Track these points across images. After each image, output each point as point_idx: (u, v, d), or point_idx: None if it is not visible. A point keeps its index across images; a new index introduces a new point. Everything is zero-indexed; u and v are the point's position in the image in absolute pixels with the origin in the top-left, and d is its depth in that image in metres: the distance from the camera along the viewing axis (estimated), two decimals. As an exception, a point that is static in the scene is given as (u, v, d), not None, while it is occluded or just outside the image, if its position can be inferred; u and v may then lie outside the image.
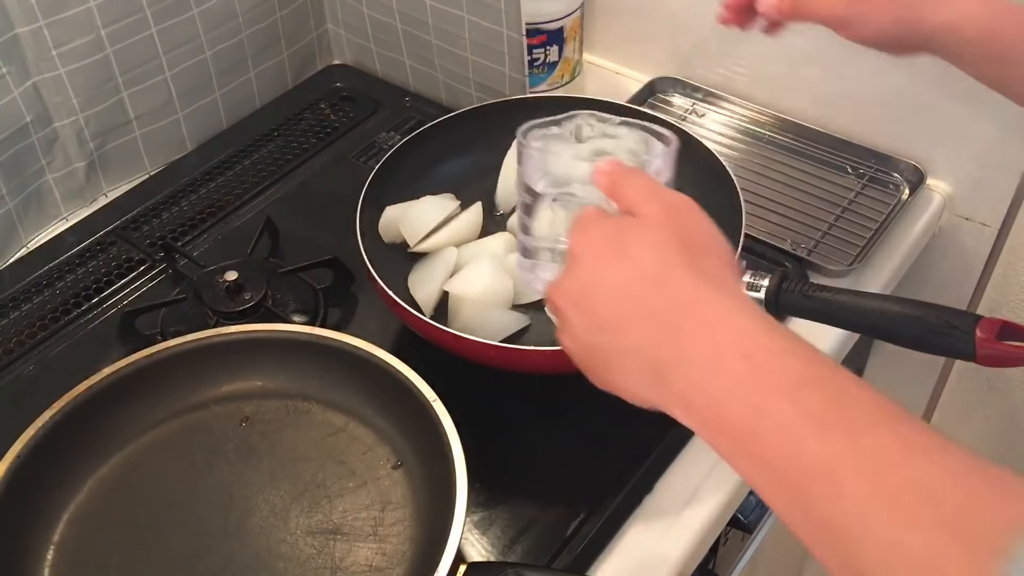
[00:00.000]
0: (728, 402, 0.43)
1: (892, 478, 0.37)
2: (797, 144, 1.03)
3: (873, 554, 0.36)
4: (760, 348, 0.44)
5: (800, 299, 0.69)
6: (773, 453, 0.41)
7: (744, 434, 0.42)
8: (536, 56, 1.07)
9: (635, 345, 0.48)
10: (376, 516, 0.67)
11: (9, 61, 0.88)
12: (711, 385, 0.44)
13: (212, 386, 0.75)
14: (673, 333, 0.47)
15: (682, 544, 0.71)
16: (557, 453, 0.77)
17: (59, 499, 0.68)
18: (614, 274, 0.50)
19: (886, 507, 0.36)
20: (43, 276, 0.93)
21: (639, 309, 0.48)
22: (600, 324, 0.50)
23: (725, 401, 0.43)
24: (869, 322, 0.67)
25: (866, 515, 0.37)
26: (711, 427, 0.45)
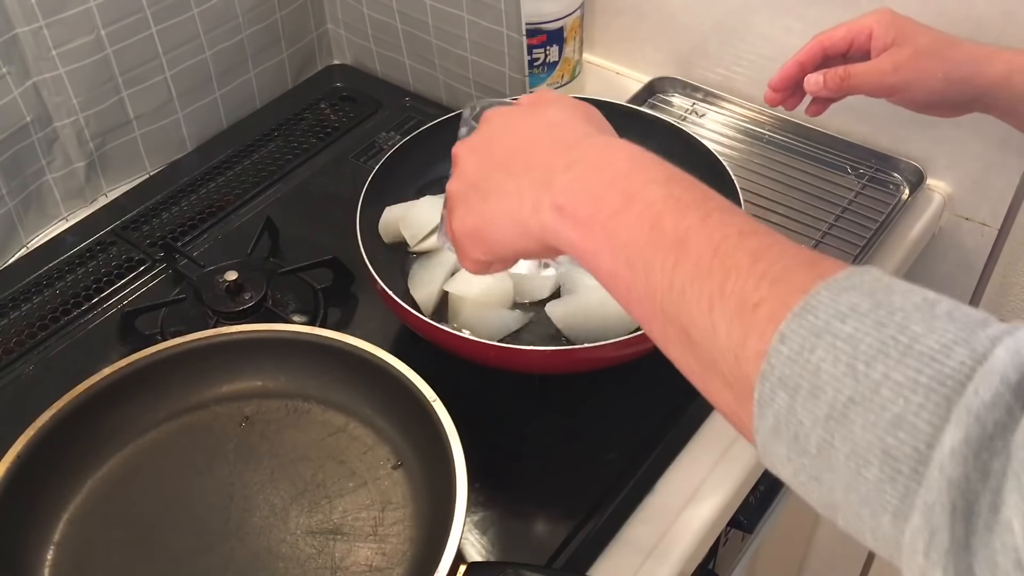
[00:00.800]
0: (603, 193, 0.47)
1: (728, 242, 0.42)
2: (797, 144, 1.03)
3: (699, 304, 0.41)
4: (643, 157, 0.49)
5: None
6: (632, 231, 0.45)
7: (610, 219, 0.46)
8: (536, 56, 1.07)
9: (525, 164, 0.52)
10: (376, 516, 0.67)
11: (9, 61, 0.88)
12: (592, 180, 0.48)
13: (212, 386, 0.75)
14: (565, 152, 0.51)
15: (682, 544, 0.71)
16: (557, 453, 0.77)
17: (59, 499, 0.68)
18: (521, 124, 0.55)
19: (719, 265, 0.41)
20: (43, 276, 0.93)
21: (539, 143, 0.52)
22: (494, 158, 0.54)
23: (601, 193, 0.47)
24: None
25: (698, 271, 0.42)
26: (580, 221, 0.48)
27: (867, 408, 0.34)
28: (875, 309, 0.35)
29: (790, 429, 0.36)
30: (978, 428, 0.31)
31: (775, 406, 0.37)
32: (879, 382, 0.33)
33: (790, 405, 0.36)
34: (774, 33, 1.01)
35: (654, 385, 0.80)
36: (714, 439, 0.77)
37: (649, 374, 0.81)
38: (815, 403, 0.35)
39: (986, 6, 0.86)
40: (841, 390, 0.34)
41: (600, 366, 0.77)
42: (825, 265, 0.39)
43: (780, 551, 1.19)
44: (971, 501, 0.31)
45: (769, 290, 0.39)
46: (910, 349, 0.33)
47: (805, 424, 0.36)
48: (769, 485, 0.96)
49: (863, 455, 0.34)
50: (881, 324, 0.35)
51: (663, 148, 0.90)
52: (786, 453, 0.37)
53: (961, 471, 0.31)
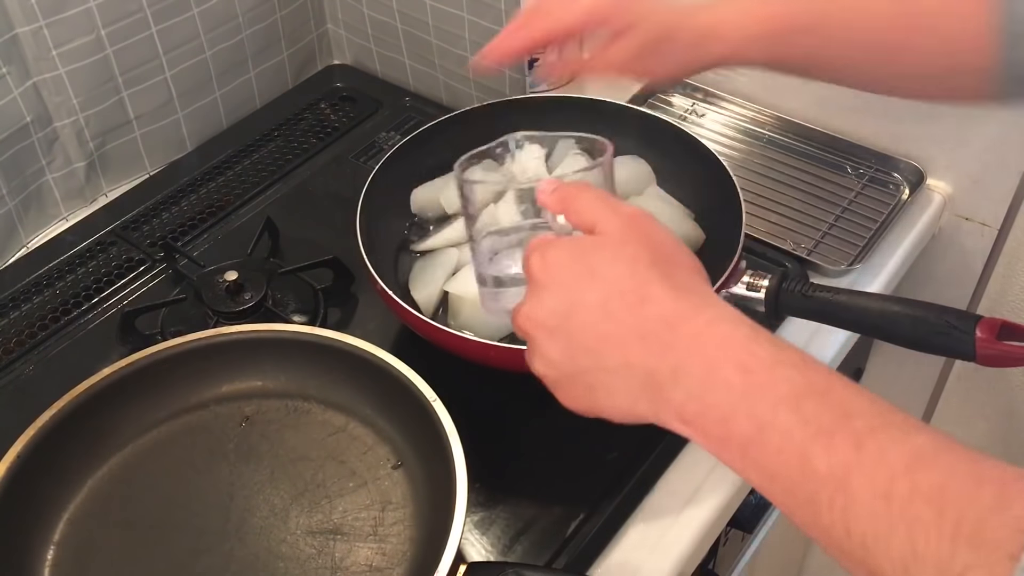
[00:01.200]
0: (729, 415, 0.43)
1: (899, 485, 0.38)
2: (797, 144, 1.03)
3: (889, 559, 0.37)
4: (754, 358, 0.44)
5: (800, 299, 0.69)
6: (780, 464, 0.41)
7: (749, 446, 0.43)
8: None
9: (623, 364, 0.47)
10: (376, 516, 0.67)
11: (9, 61, 0.88)
12: (709, 398, 0.44)
13: (212, 386, 0.75)
14: (663, 348, 0.46)
15: (682, 544, 0.71)
16: (557, 453, 0.77)
17: (59, 499, 0.68)
18: (588, 294, 0.49)
19: (897, 515, 0.37)
20: (43, 276, 0.93)
21: (622, 327, 0.47)
22: (582, 347, 0.49)
23: (726, 414, 0.44)
24: (869, 322, 0.67)
25: (877, 523, 0.38)
26: (714, 438, 0.45)
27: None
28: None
29: None
30: None
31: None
32: None
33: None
34: (774, 33, 1.00)
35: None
36: (714, 439, 0.77)
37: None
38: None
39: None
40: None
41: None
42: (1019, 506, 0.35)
43: (780, 551, 1.19)
44: None
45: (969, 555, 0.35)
46: None
47: None
48: (769, 485, 0.96)
49: None
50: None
51: (663, 148, 0.91)
52: None
53: None
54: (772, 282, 0.70)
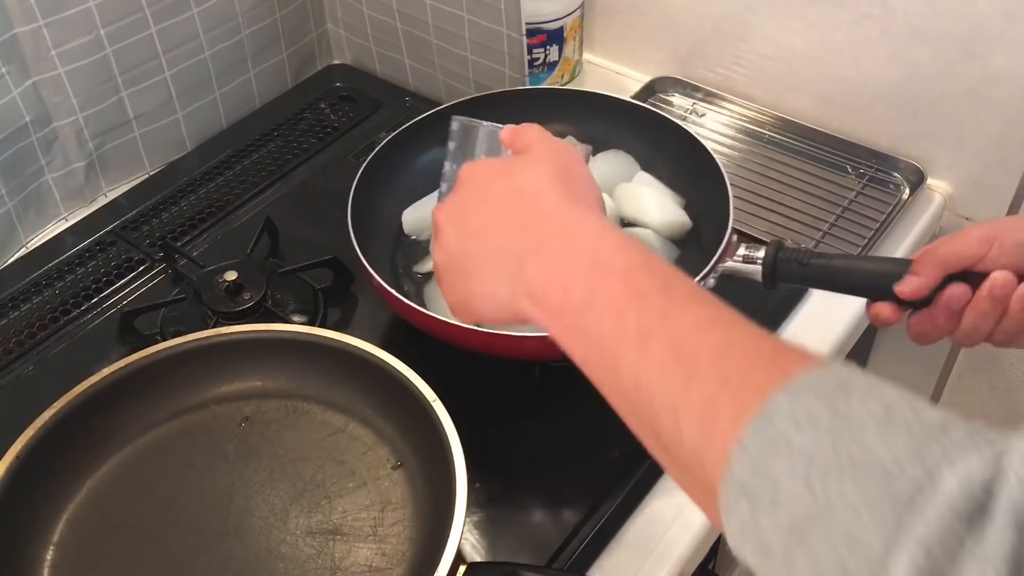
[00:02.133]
0: (570, 284, 0.48)
1: (689, 340, 0.42)
2: (797, 144, 1.03)
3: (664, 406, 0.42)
4: (606, 243, 0.49)
5: (796, 267, 0.69)
6: (600, 326, 0.46)
7: (580, 312, 0.47)
8: (536, 56, 1.07)
9: (498, 246, 0.53)
10: (376, 516, 0.67)
11: (9, 61, 0.88)
12: (559, 269, 0.49)
13: (212, 386, 0.75)
14: (534, 231, 0.51)
15: (682, 544, 0.71)
16: (557, 453, 0.77)
17: (59, 499, 0.68)
18: (493, 190, 0.55)
19: (680, 367, 0.42)
20: (43, 276, 0.92)
21: (510, 218, 0.53)
22: (470, 231, 0.55)
23: (568, 283, 0.48)
24: (868, 284, 0.67)
25: (662, 374, 0.42)
26: (552, 310, 0.49)
27: (824, 525, 0.34)
28: (832, 417, 0.35)
29: (755, 537, 0.37)
30: (928, 562, 0.31)
31: (739, 514, 0.37)
32: (833, 498, 0.34)
33: (753, 514, 0.37)
34: (774, 33, 1.01)
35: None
36: (714, 439, 0.77)
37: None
38: (775, 515, 0.36)
39: (987, 4, 0.86)
40: (798, 505, 0.35)
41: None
42: (784, 361, 0.39)
43: (780, 551, 1.19)
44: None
45: (730, 396, 0.39)
46: (865, 466, 0.34)
47: (767, 533, 0.36)
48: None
49: (823, 571, 0.34)
50: (836, 433, 0.35)
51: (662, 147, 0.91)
52: (756, 560, 0.38)
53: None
54: (768, 253, 0.70)
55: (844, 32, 0.96)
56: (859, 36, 0.95)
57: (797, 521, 0.35)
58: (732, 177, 0.97)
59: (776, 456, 0.36)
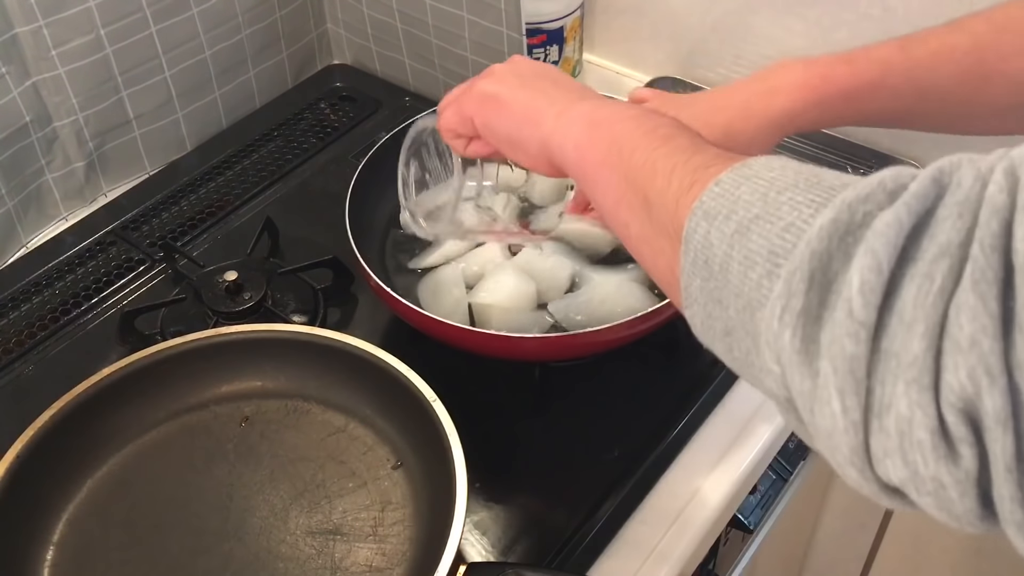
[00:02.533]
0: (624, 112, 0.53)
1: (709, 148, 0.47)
2: (797, 144, 1.03)
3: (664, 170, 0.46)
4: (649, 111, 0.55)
5: None
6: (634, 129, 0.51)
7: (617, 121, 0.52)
8: (536, 56, 1.07)
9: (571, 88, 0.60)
10: (376, 516, 0.67)
11: (9, 61, 0.88)
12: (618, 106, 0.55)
13: (212, 386, 0.75)
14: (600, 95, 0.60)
15: (682, 544, 0.71)
16: (557, 453, 0.77)
17: (59, 499, 0.68)
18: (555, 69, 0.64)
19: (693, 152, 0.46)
20: (43, 276, 0.92)
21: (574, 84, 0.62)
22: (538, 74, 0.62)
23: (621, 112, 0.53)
24: None
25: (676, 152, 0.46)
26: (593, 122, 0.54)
27: (766, 221, 0.37)
28: (801, 166, 0.39)
29: (703, 255, 0.40)
30: (848, 214, 0.34)
31: (696, 236, 0.41)
32: (783, 203, 0.37)
33: (707, 232, 0.40)
34: (774, 33, 1.01)
35: (654, 386, 0.80)
36: (714, 439, 0.77)
37: (649, 375, 0.82)
38: (726, 224, 0.39)
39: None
40: (750, 210, 0.38)
41: (596, 350, 0.78)
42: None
43: (780, 551, 1.19)
44: (830, 279, 0.34)
45: (724, 161, 0.43)
46: (818, 184, 0.37)
47: (715, 244, 0.40)
48: (769, 485, 0.96)
49: (752, 258, 0.37)
50: (800, 171, 0.39)
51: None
52: (699, 284, 0.41)
53: (824, 247, 0.34)
54: None
55: (844, 32, 0.96)
56: (859, 36, 0.94)
57: (743, 223, 0.38)
58: (732, 177, 0.98)
59: (744, 184, 0.40)
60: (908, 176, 0.34)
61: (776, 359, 0.35)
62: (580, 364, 0.82)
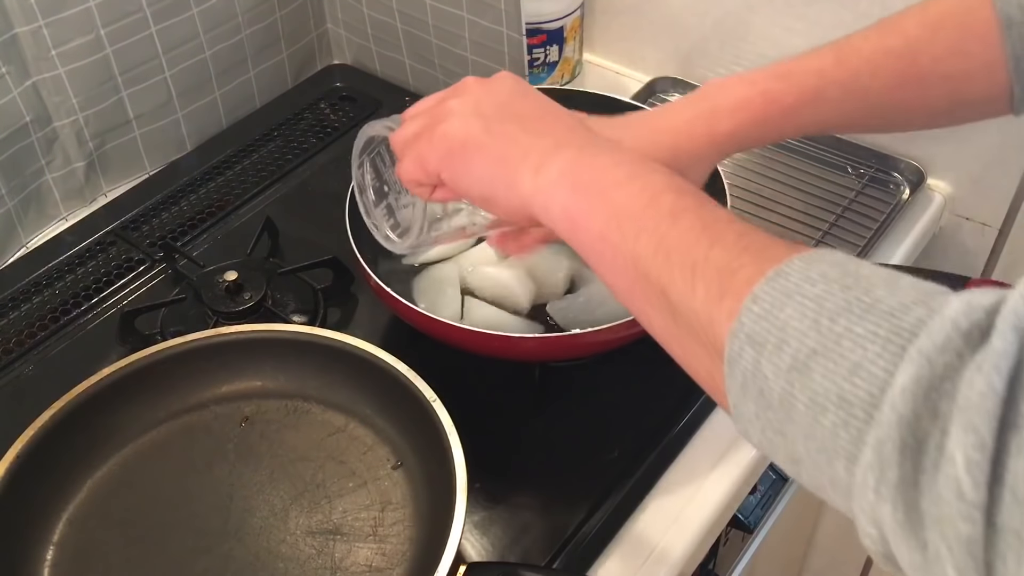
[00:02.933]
0: (610, 168, 0.50)
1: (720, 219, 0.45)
2: (797, 144, 1.03)
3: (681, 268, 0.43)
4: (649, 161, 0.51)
5: None
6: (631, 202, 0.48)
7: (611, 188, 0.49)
8: (536, 56, 1.07)
9: (541, 128, 0.54)
10: (376, 516, 0.67)
11: (9, 61, 0.88)
12: (602, 157, 0.51)
13: (212, 386, 0.75)
14: (583, 136, 0.55)
15: (682, 544, 0.71)
16: (557, 453, 0.77)
17: (59, 499, 0.68)
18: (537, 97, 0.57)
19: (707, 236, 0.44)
20: (43, 276, 0.92)
21: (557, 118, 0.56)
22: (512, 111, 0.56)
23: (608, 166, 0.50)
24: None
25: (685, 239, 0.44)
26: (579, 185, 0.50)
27: (827, 358, 0.35)
28: (843, 276, 0.37)
29: (756, 384, 0.38)
30: (929, 369, 0.32)
31: (743, 363, 0.39)
32: (841, 335, 0.35)
33: (756, 360, 0.38)
34: (774, 33, 1.01)
35: (654, 386, 0.80)
36: (714, 439, 0.77)
37: (649, 375, 0.82)
38: (779, 356, 0.37)
39: None
40: (804, 342, 0.36)
41: (596, 350, 0.78)
42: (802, 247, 0.41)
43: (780, 551, 1.19)
44: (921, 440, 0.32)
45: (750, 259, 0.41)
46: (873, 308, 0.35)
47: (769, 378, 0.37)
48: (769, 485, 0.96)
49: (821, 403, 0.35)
50: (847, 287, 0.36)
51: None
52: (754, 410, 0.39)
53: (911, 409, 0.32)
54: None
55: (844, 32, 0.95)
56: (859, 36, 0.95)
57: (800, 358, 0.36)
58: (732, 177, 0.98)
59: (787, 304, 0.37)
60: (980, 311, 0.33)
61: (873, 524, 0.34)
62: (580, 364, 0.82)
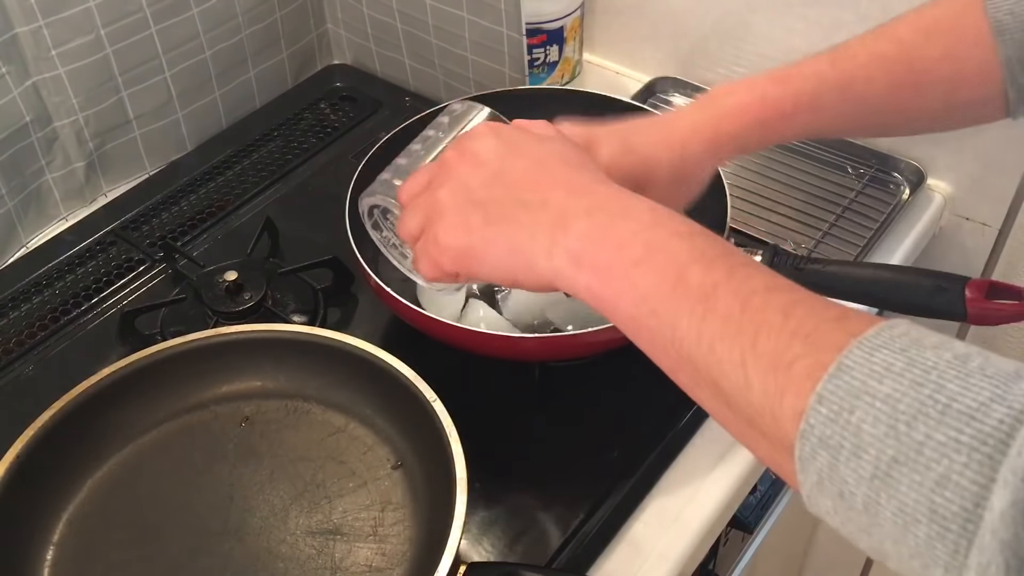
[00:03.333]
0: (627, 241, 0.47)
1: (756, 299, 0.42)
2: (797, 144, 1.03)
3: (730, 358, 0.41)
4: (664, 213, 0.49)
5: (792, 272, 0.69)
6: (656, 281, 0.45)
7: (633, 268, 0.46)
8: (536, 56, 1.07)
9: (541, 201, 0.50)
10: (376, 516, 0.67)
11: (9, 61, 0.88)
12: (616, 227, 0.48)
13: (212, 386, 0.75)
14: (587, 195, 0.50)
15: (682, 544, 0.71)
16: (557, 453, 0.77)
17: (59, 499, 0.68)
18: (533, 150, 0.53)
19: (748, 319, 0.42)
20: (43, 276, 0.92)
21: (554, 178, 0.51)
22: (506, 178, 0.52)
23: (625, 241, 0.47)
24: (861, 290, 0.68)
25: (727, 327, 0.42)
26: (598, 269, 0.48)
27: (911, 468, 0.34)
28: (909, 368, 0.36)
29: (835, 486, 0.37)
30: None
31: (817, 464, 0.37)
32: (921, 443, 0.34)
33: (833, 464, 0.37)
34: (775, 33, 1.01)
35: (654, 386, 0.80)
36: (714, 439, 0.77)
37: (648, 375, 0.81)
38: (858, 463, 0.36)
39: None
40: (884, 451, 0.35)
41: (596, 350, 0.77)
42: (854, 321, 0.39)
43: (780, 551, 1.19)
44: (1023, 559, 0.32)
45: (802, 347, 0.39)
46: (948, 408, 0.34)
47: (850, 483, 0.36)
48: (769, 485, 0.96)
49: (911, 514, 0.35)
50: (917, 384, 0.35)
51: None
52: (832, 506, 0.38)
53: (1012, 532, 0.32)
54: (764, 257, 0.71)
55: (844, 32, 0.95)
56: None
57: (881, 467, 0.35)
58: (732, 177, 0.98)
59: (856, 406, 0.36)
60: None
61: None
62: (580, 364, 0.82)
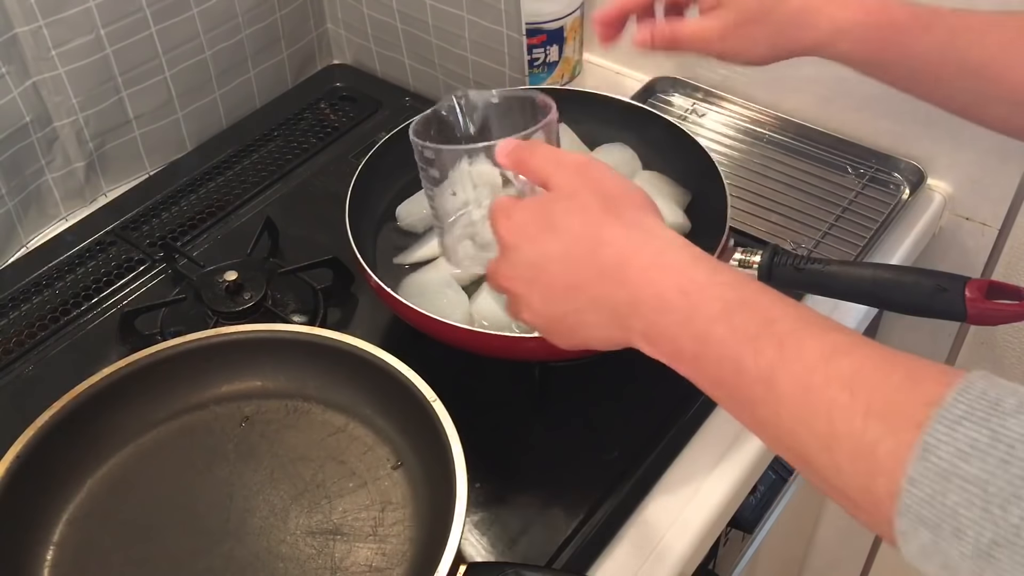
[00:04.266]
0: (677, 336, 0.50)
1: (816, 376, 0.43)
2: (797, 144, 1.03)
3: (814, 442, 0.43)
4: (692, 283, 0.50)
5: (792, 272, 0.69)
6: (720, 372, 0.47)
7: (695, 360, 0.49)
8: (536, 56, 1.07)
9: (591, 302, 0.53)
10: (376, 516, 0.67)
11: (9, 61, 0.88)
12: (661, 323, 0.50)
13: (212, 386, 0.75)
14: (619, 285, 0.52)
15: (682, 544, 0.71)
16: (557, 453, 0.77)
17: (59, 499, 0.68)
18: (552, 246, 0.55)
19: (816, 402, 0.42)
20: (43, 276, 0.93)
21: (584, 272, 0.53)
22: (555, 295, 0.55)
23: (675, 335, 0.50)
24: (862, 290, 0.68)
25: (800, 412, 0.43)
26: (671, 356, 0.51)
27: (1012, 551, 0.35)
28: (994, 444, 0.36)
29: (938, 558, 0.38)
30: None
31: (919, 540, 0.38)
32: (1018, 526, 0.35)
33: (935, 541, 0.38)
34: (774, 33, 1.00)
35: (654, 386, 0.80)
36: (714, 439, 0.77)
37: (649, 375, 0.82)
38: (960, 543, 0.37)
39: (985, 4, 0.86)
40: (982, 533, 0.36)
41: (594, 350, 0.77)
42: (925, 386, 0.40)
43: (780, 551, 1.19)
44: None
45: (880, 429, 0.40)
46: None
47: (953, 557, 0.37)
48: (769, 485, 0.96)
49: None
50: (1005, 462, 0.36)
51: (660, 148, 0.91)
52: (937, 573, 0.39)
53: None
54: (764, 258, 0.71)
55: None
56: (859, 36, 0.95)
57: (982, 548, 0.36)
58: (732, 177, 0.98)
59: (948, 488, 0.37)
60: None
61: None
62: (580, 364, 0.82)
